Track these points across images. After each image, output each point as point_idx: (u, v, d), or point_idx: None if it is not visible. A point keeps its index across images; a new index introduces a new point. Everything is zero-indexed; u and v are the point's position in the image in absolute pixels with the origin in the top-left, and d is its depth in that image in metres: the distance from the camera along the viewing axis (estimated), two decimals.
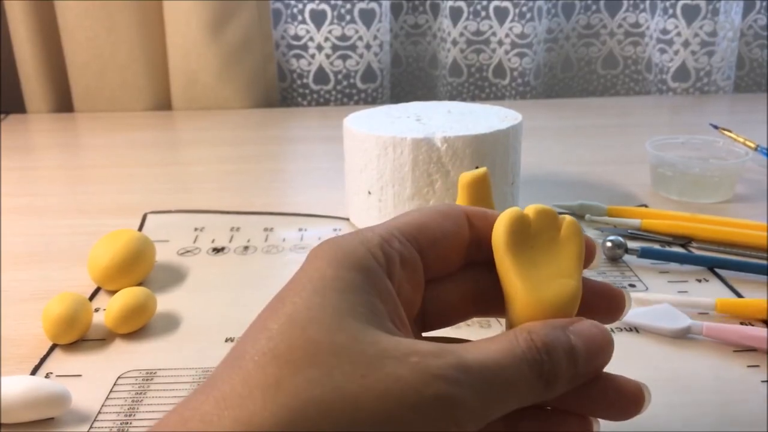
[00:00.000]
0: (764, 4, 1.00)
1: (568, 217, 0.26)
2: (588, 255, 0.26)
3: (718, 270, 0.47)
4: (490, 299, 0.27)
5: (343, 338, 0.20)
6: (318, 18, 0.95)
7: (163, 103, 0.97)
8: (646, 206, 0.58)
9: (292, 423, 0.19)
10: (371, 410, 0.19)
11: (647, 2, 1.00)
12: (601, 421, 0.26)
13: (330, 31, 0.95)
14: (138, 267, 0.46)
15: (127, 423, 0.33)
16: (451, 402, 0.20)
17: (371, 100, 0.99)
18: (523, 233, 0.25)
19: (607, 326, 0.39)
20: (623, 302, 0.27)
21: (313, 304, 0.21)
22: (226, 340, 0.40)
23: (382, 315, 0.22)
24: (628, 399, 0.25)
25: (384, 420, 0.19)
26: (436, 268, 0.26)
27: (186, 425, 0.19)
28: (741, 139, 0.69)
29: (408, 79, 1.06)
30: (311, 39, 0.95)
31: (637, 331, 0.40)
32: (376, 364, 0.20)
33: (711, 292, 0.44)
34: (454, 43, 0.99)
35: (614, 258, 0.49)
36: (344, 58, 0.96)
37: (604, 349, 0.24)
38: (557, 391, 0.23)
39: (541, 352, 0.22)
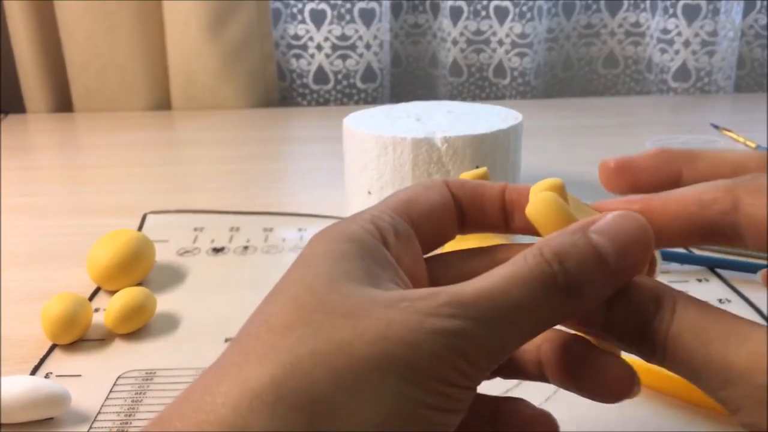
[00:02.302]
0: (765, 3, 1.00)
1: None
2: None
3: (718, 270, 0.47)
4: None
5: (334, 298, 0.20)
6: (318, 17, 0.94)
7: (163, 102, 0.97)
8: None
9: (288, 376, 0.19)
10: (367, 354, 0.19)
11: (648, 2, 1.00)
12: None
13: (330, 31, 0.95)
14: (137, 267, 0.46)
15: (127, 423, 0.33)
16: (451, 333, 0.19)
17: (371, 99, 0.99)
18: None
19: None
20: (654, 263, 0.24)
21: (306, 275, 0.21)
22: (226, 340, 0.40)
23: (381, 278, 0.22)
24: (623, 377, 0.23)
25: (382, 360, 0.19)
26: (432, 241, 0.26)
27: (187, 397, 0.19)
28: (741, 139, 0.69)
29: (408, 78, 1.06)
30: (311, 39, 0.95)
31: None
32: (367, 313, 0.20)
33: (711, 293, 0.44)
34: (455, 42, 0.99)
35: None
36: (344, 57, 0.96)
37: (637, 237, 0.21)
38: (588, 299, 0.20)
39: (552, 264, 0.20)
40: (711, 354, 0.19)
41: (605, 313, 0.21)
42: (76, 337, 0.40)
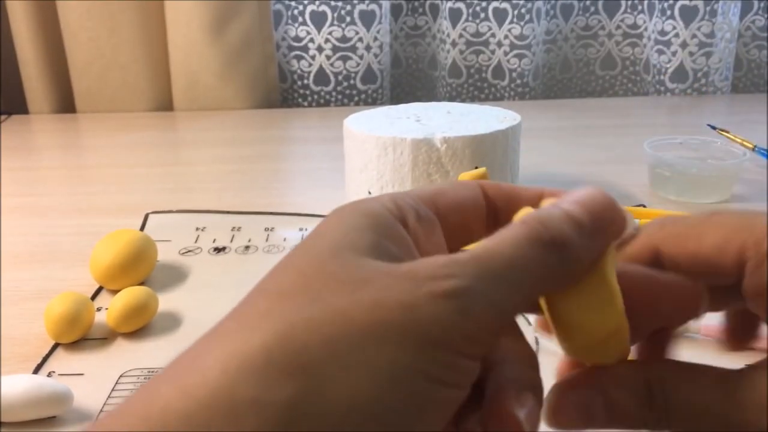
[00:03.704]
0: (762, 5, 1.00)
1: None
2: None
3: None
4: None
5: (335, 266, 0.20)
6: (318, 19, 0.95)
7: (165, 103, 0.97)
8: (644, 206, 0.59)
9: (280, 342, 0.18)
10: (362, 321, 0.18)
11: (645, 3, 1.01)
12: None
13: (330, 33, 0.95)
14: (140, 266, 0.46)
15: None
16: (450, 294, 0.19)
17: (371, 101, 0.99)
18: None
19: None
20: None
21: (313, 245, 0.21)
22: None
23: (391, 253, 0.21)
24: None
25: (378, 327, 0.18)
26: (458, 235, 0.25)
27: (177, 363, 0.19)
28: (738, 140, 0.70)
29: (408, 80, 1.06)
30: (312, 40, 0.96)
31: None
32: (366, 282, 0.19)
33: None
34: (454, 44, 0.99)
35: None
36: (344, 59, 0.96)
37: (605, 205, 0.22)
38: (573, 258, 0.21)
39: (535, 224, 0.21)
40: (729, 414, 0.21)
41: (601, 408, 0.23)
42: (79, 336, 0.40)
